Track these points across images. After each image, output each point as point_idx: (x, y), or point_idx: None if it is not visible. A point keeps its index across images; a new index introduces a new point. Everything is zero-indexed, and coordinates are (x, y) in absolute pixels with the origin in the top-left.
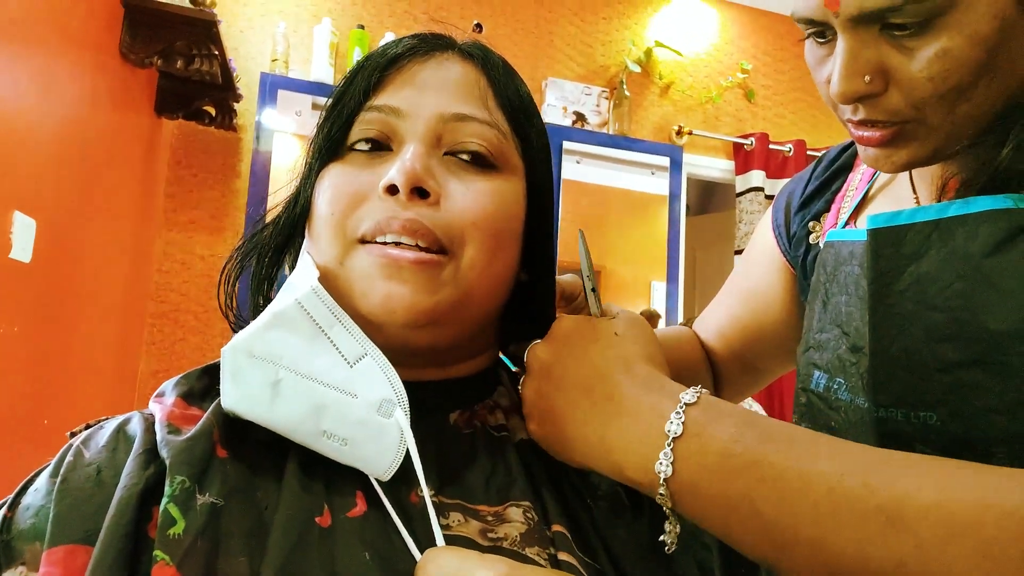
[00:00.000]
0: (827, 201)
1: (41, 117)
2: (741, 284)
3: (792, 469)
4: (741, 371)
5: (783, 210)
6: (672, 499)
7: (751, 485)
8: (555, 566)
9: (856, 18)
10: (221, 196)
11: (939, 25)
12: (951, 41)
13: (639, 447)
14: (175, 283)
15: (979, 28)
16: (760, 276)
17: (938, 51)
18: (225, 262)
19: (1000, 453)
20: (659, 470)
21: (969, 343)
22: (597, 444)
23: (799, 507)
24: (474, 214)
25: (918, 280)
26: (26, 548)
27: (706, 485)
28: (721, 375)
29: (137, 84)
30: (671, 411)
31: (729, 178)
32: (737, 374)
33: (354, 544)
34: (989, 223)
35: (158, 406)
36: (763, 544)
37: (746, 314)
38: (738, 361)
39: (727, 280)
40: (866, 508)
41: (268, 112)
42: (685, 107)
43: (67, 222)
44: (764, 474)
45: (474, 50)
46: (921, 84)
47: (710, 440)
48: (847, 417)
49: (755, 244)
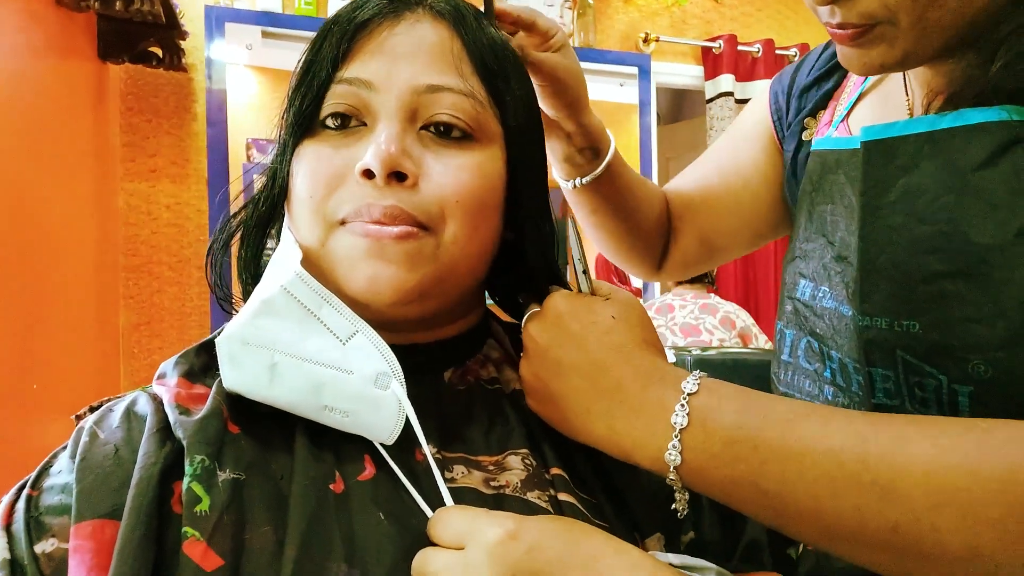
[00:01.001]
0: (826, 95)
1: None
2: (722, 158)
3: (791, 449)
4: (696, 238)
5: (785, 92)
6: (682, 481)
7: (754, 467)
8: (556, 506)
9: None
10: (179, 141)
11: None
12: None
13: (648, 438)
14: (144, 235)
15: None
16: (746, 152)
17: None
18: (209, 246)
19: (976, 359)
20: (669, 459)
21: (953, 255)
22: (605, 433)
23: (800, 485)
24: (454, 191)
25: (908, 192)
26: (55, 522)
27: (713, 470)
28: (675, 240)
29: (76, 29)
30: (675, 403)
31: (699, 84)
32: (691, 239)
33: (368, 506)
34: (981, 135)
35: (163, 388)
36: (767, 514)
37: (719, 182)
38: (695, 227)
39: (707, 151)
40: (861, 482)
41: (217, 47)
42: (651, 12)
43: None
44: (765, 456)
45: (445, 6)
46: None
47: (715, 429)
48: (831, 324)
49: (745, 122)
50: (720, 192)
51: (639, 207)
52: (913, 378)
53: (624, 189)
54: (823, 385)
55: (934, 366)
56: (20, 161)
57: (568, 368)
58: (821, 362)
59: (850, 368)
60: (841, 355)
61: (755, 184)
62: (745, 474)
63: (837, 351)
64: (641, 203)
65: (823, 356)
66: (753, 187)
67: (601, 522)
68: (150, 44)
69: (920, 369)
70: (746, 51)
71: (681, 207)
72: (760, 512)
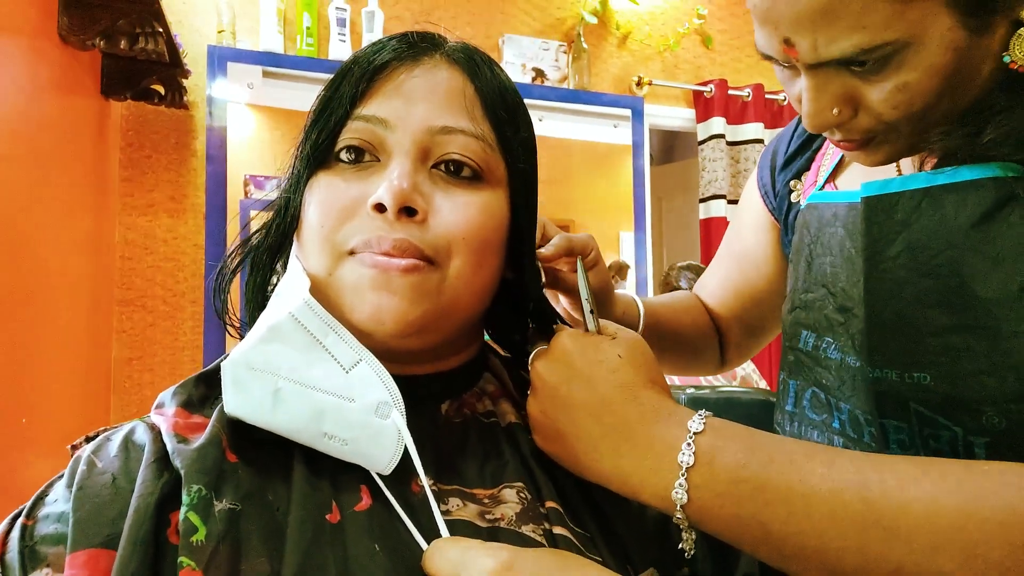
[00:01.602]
0: (808, 159)
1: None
2: (733, 246)
3: (795, 490)
4: (744, 333)
5: (768, 169)
6: (688, 520)
7: (759, 508)
8: (550, 540)
9: (815, 65)
10: (178, 176)
11: (896, 62)
12: (909, 75)
13: (654, 477)
14: (139, 268)
15: (934, 61)
16: (750, 237)
17: (898, 84)
18: (217, 270)
19: (990, 411)
20: (675, 498)
21: (959, 309)
22: (612, 471)
23: (804, 525)
24: (461, 229)
25: (909, 247)
26: (50, 552)
27: (719, 509)
28: (726, 338)
29: (80, 67)
30: (682, 441)
31: (691, 127)
32: (741, 336)
33: (363, 537)
34: (977, 192)
35: (161, 417)
36: (773, 554)
37: (740, 277)
38: (739, 323)
39: (722, 242)
40: (865, 522)
41: (219, 85)
42: (644, 57)
43: (21, 216)
44: (770, 497)
45: (460, 54)
46: (887, 111)
47: (720, 468)
48: (838, 375)
49: (743, 205)
50: (743, 286)
51: (686, 335)
52: (927, 430)
53: (669, 334)
54: (832, 436)
55: (948, 418)
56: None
57: (575, 406)
58: (829, 413)
59: (861, 419)
60: (851, 407)
61: (767, 266)
62: (751, 513)
63: (846, 403)
64: (685, 329)
65: (831, 407)
66: (766, 269)
67: (595, 556)
68: (152, 82)
69: (934, 421)
70: (736, 95)
71: (720, 309)
72: (765, 552)
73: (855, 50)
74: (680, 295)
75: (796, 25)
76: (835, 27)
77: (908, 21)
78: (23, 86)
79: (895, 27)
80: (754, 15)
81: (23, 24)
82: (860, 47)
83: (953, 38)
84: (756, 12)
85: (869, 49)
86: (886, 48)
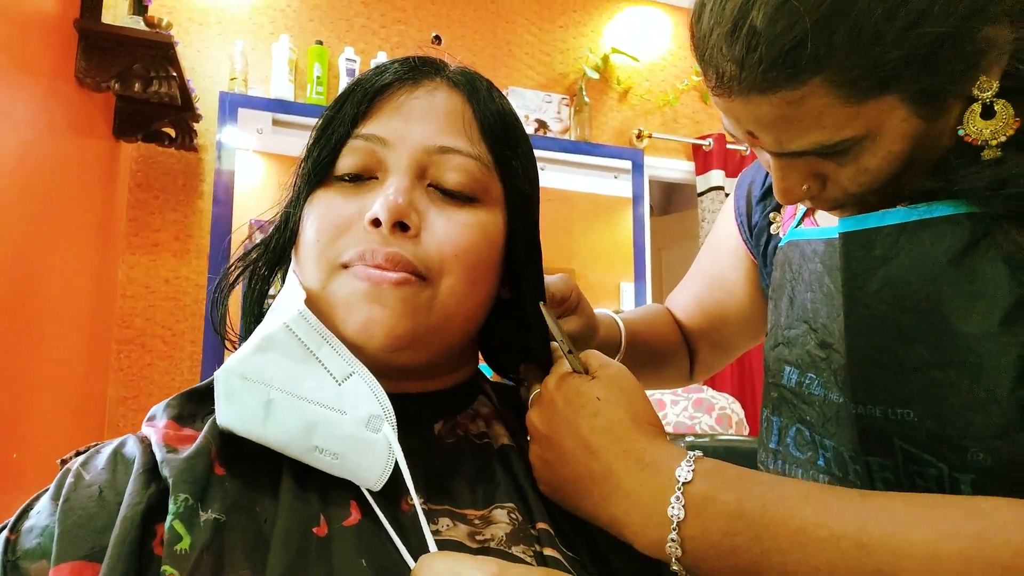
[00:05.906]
0: None
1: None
2: (706, 269)
3: (791, 540)
4: (711, 349)
5: (744, 199)
6: (685, 570)
7: (755, 558)
8: (541, 561)
9: (780, 155)
10: (184, 218)
11: (855, 152)
12: (870, 161)
13: (647, 530)
14: (140, 308)
15: (892, 148)
16: (723, 262)
17: (860, 168)
18: (217, 281)
19: (974, 448)
20: (669, 551)
21: (941, 344)
22: (607, 520)
23: (801, 572)
24: (454, 246)
25: (889, 282)
26: (32, 567)
27: (715, 559)
28: (694, 351)
29: (94, 108)
30: (670, 494)
31: (690, 179)
32: (708, 351)
33: (350, 552)
34: (953, 227)
35: (152, 429)
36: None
37: (710, 298)
38: (707, 340)
39: (695, 260)
40: (864, 570)
41: (228, 131)
42: (644, 111)
43: (27, 251)
44: (766, 547)
45: (461, 78)
46: (853, 187)
47: (713, 519)
48: (822, 411)
49: (719, 230)
50: (712, 307)
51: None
52: (912, 467)
53: (645, 350)
54: (816, 475)
55: (933, 455)
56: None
57: (567, 455)
58: (813, 451)
59: (846, 457)
60: (835, 443)
61: (739, 292)
62: (748, 563)
63: (831, 439)
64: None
65: (815, 444)
66: (737, 295)
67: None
68: (164, 124)
69: (920, 458)
70: (735, 149)
71: (690, 325)
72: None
73: (815, 146)
74: (653, 308)
75: (757, 125)
76: (794, 128)
77: (864, 119)
78: (39, 125)
79: (853, 125)
80: (717, 106)
81: (42, 64)
82: (820, 143)
83: (908, 128)
84: (718, 106)
85: (829, 145)
86: (846, 143)
